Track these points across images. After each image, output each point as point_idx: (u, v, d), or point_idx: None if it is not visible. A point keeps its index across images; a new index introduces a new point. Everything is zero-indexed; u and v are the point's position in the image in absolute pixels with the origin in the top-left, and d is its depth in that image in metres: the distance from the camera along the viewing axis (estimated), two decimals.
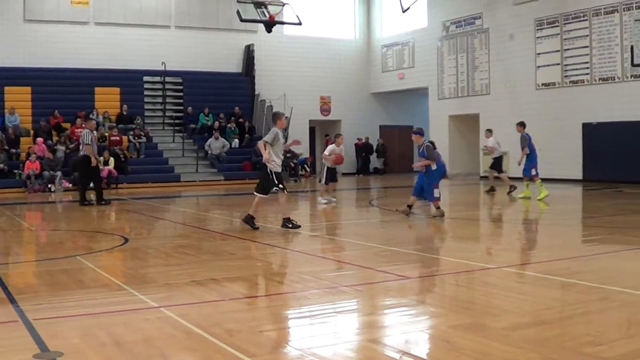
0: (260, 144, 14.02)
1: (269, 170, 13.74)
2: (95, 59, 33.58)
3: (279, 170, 13.97)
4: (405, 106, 42.10)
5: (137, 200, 23.03)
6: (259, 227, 13.93)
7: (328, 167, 20.54)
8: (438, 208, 15.67)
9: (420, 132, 16.18)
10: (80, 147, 21.02)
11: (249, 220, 13.90)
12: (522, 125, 21.04)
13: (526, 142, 20.59)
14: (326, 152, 20.66)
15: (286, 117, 15.10)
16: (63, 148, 29.40)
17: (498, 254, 11.17)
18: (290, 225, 13.93)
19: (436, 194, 15.67)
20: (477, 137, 33.22)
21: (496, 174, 23.91)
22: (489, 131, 24.61)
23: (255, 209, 13.99)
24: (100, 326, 6.40)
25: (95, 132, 22.03)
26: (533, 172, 20.56)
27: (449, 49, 35.78)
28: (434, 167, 15.72)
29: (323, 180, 20.69)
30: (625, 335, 6.06)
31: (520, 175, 21.77)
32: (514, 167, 29.37)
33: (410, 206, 16.05)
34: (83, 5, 33.90)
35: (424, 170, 15.78)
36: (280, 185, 13.93)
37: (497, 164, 23.81)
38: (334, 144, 20.67)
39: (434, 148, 15.98)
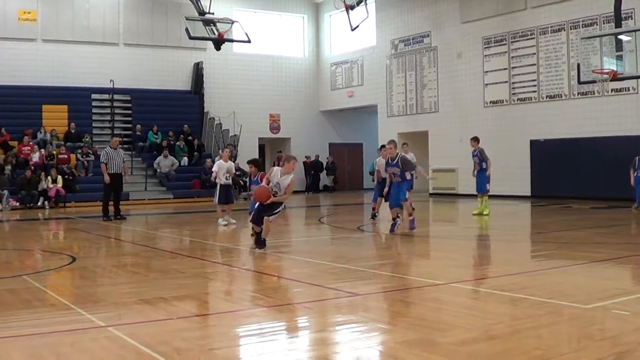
0: None
1: None
2: (43, 76, 33.33)
3: None
4: (354, 124, 42.28)
5: (85, 219, 22.76)
6: None
7: (221, 185, 19.19)
8: None
9: None
10: None
11: None
12: (476, 140, 20.93)
13: (486, 156, 20.48)
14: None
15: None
16: (9, 167, 29.00)
17: (448, 270, 11.19)
18: None
19: None
20: (426, 154, 33.37)
21: None
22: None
23: None
24: (47, 346, 6.31)
25: (118, 148, 21.80)
26: (488, 187, 20.59)
27: (398, 67, 35.99)
28: None
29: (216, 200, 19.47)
30: (574, 348, 6.11)
31: (469, 192, 21.71)
32: (464, 183, 29.60)
33: None
34: (30, 22, 33.62)
35: None
36: None
37: None
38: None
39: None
